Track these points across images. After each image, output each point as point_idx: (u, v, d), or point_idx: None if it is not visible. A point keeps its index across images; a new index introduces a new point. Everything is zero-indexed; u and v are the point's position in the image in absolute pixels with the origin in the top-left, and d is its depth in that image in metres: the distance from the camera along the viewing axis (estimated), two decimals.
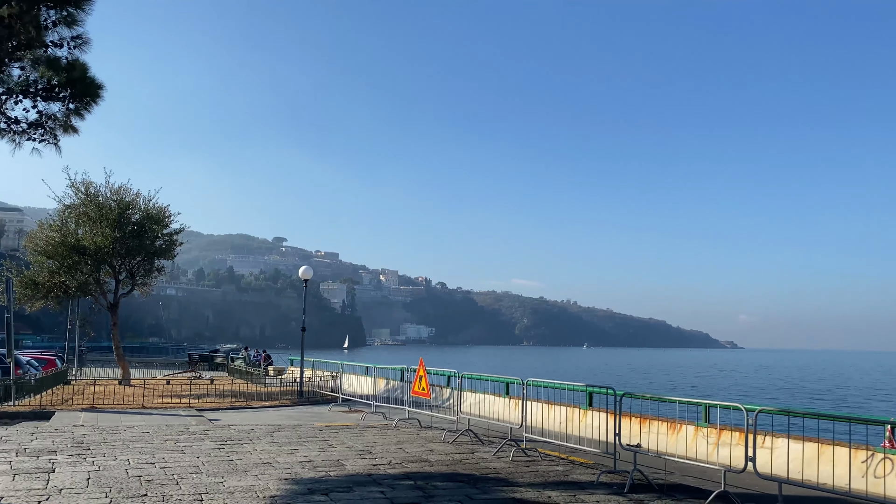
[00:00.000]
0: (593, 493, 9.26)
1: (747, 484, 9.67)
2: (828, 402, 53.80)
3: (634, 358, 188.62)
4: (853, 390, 69.71)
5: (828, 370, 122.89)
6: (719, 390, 65.72)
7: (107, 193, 26.45)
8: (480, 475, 10.32)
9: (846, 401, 55.93)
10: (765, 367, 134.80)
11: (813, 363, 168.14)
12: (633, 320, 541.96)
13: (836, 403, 52.92)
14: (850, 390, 69.54)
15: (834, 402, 54.63)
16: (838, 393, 65.24)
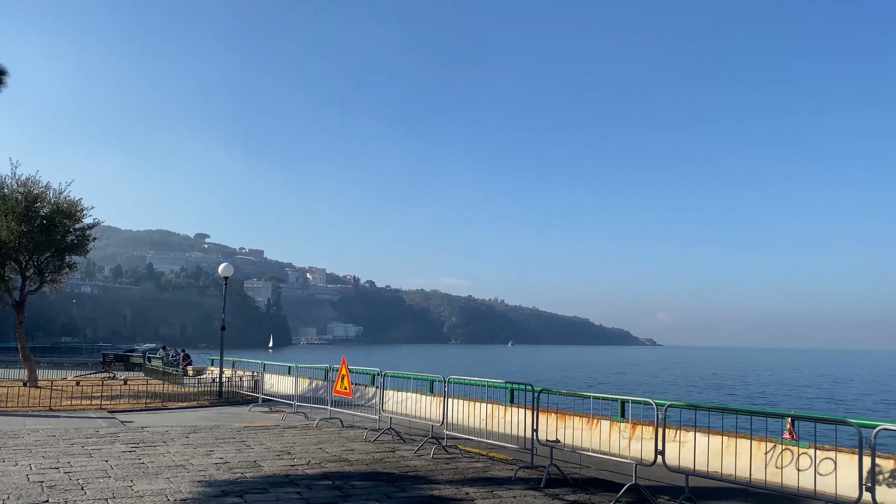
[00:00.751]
0: (511, 488, 9.40)
1: (658, 476, 10.00)
2: (737, 397, 56.26)
3: (557, 355, 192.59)
4: (761, 386, 73.14)
5: (740, 367, 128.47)
6: (637, 386, 67.87)
7: (13, 185, 25.08)
8: (400, 473, 10.31)
9: (753, 396, 58.61)
10: (680, 364, 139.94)
11: (726, 360, 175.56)
12: (558, 318, 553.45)
13: (744, 398, 55.38)
14: (758, 386, 72.92)
15: (742, 397, 57.16)
16: (748, 388, 68.30)
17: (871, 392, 65.51)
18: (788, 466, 9.85)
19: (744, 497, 8.92)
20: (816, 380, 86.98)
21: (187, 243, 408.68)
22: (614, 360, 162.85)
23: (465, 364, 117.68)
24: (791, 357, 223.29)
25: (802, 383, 78.56)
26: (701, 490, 9.02)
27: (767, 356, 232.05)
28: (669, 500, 8.62)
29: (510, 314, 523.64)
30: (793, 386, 73.21)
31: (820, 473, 9.13)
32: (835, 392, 64.70)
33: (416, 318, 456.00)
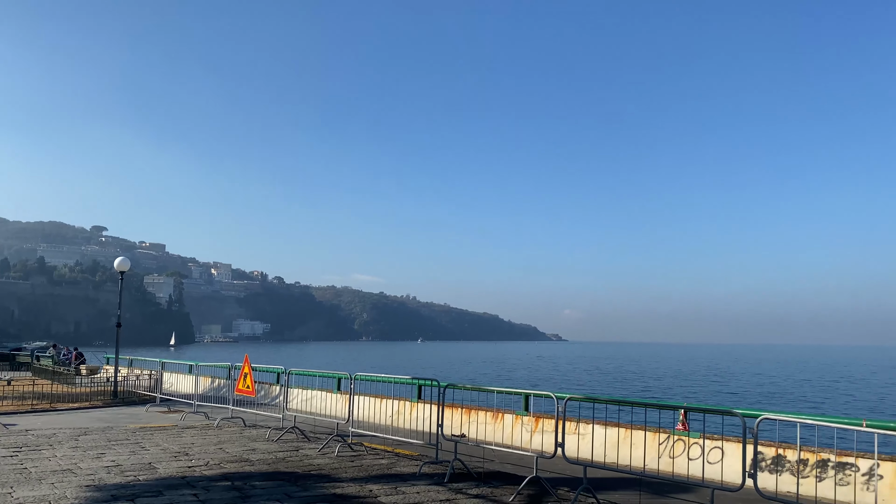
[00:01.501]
0: (415, 484, 9.40)
1: (559, 468, 10.25)
2: (636, 391, 58.55)
3: (467, 351, 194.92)
4: (659, 379, 76.38)
5: (641, 361, 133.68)
6: (542, 381, 69.54)
7: None
8: (303, 472, 10.13)
9: (651, 389, 61.14)
10: (584, 359, 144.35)
11: (628, 355, 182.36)
12: (469, 314, 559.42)
13: (642, 392, 57.70)
14: (656, 379, 76.13)
15: (641, 390, 59.52)
16: (646, 382, 71.17)
17: (757, 384, 69.55)
18: (680, 456, 10.32)
19: (638, 486, 9.26)
20: (708, 373, 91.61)
21: (83, 236, 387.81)
22: (522, 355, 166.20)
23: (375, 361, 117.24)
24: (688, 352, 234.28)
25: (696, 376, 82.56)
26: (599, 480, 9.31)
27: (668, 351, 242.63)
28: (569, 491, 8.84)
29: (422, 311, 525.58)
30: (687, 379, 76.80)
31: (709, 462, 9.59)
32: (724, 384, 68.32)
33: (327, 315, 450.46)
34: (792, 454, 9.31)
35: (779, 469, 9.34)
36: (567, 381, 69.25)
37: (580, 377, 78.16)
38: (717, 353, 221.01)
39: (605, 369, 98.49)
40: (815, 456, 9.10)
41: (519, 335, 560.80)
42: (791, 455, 9.33)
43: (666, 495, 9.10)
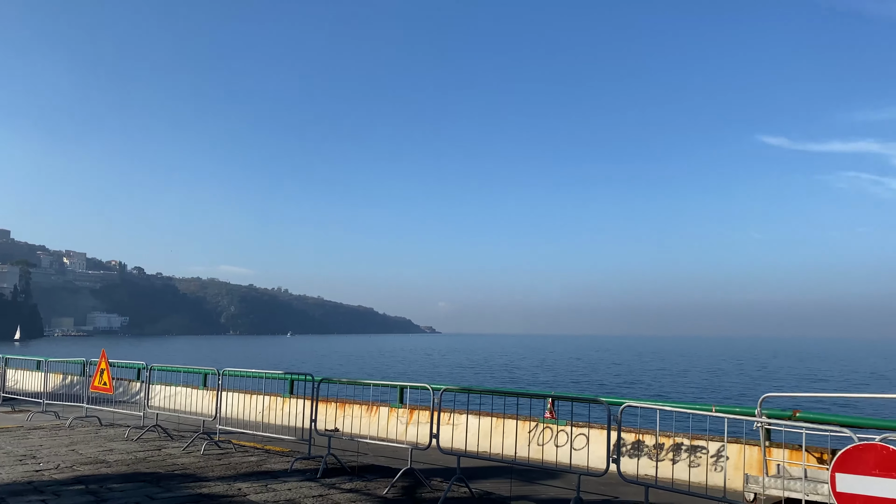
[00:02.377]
0: (286, 480, 9.17)
1: (433, 459, 10.34)
2: (509, 381, 60.32)
3: (341, 344, 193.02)
4: (529, 369, 79.12)
5: (513, 352, 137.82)
6: (417, 373, 70.13)
7: None
8: (166, 472, 9.61)
9: (524, 378, 63.20)
10: (458, 350, 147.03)
11: (501, 346, 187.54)
12: (343, 307, 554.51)
13: (516, 381, 59.51)
14: (526, 370, 78.81)
15: (514, 380, 61.39)
16: (520, 372, 73.50)
17: (619, 373, 73.59)
18: (549, 443, 10.70)
19: (510, 474, 9.51)
20: (577, 362, 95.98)
21: None
22: (396, 347, 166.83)
23: (244, 356, 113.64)
24: (558, 343, 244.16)
25: (565, 365, 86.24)
26: (472, 470, 9.47)
27: (538, 342, 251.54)
28: (442, 482, 8.93)
29: (294, 304, 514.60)
30: (554, 368, 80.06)
31: (575, 448, 10.00)
32: (591, 373, 71.79)
33: (191, 307, 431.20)
34: (651, 439, 9.89)
35: (639, 453, 9.89)
36: (441, 373, 70.23)
37: (454, 369, 79.50)
38: (585, 343, 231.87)
39: (478, 360, 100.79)
40: (671, 440, 9.72)
41: (393, 328, 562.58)
42: (650, 440, 9.91)
43: (535, 482, 9.40)
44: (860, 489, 5.59)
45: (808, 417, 8.80)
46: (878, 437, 6.02)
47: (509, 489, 8.87)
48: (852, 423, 8.41)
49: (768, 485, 7.92)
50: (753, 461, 8.99)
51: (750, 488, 8.05)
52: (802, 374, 74.66)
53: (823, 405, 32.19)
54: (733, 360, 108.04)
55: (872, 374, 77.39)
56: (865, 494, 5.56)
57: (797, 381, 65.39)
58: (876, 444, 5.65)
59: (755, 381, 63.00)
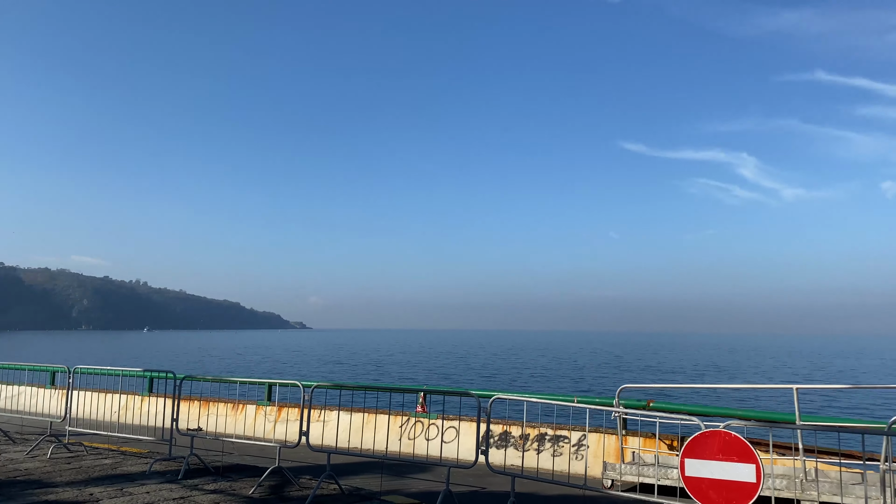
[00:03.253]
0: (144, 483, 8.68)
1: (302, 457, 10.15)
2: (382, 376, 60.32)
3: (206, 341, 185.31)
4: (402, 364, 79.47)
5: (386, 347, 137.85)
6: (287, 369, 68.64)
7: None
8: (7, 479, 8.83)
9: (397, 374, 63.42)
10: (330, 346, 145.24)
11: (374, 341, 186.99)
12: (208, 302, 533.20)
13: (389, 376, 59.60)
14: (399, 364, 79.13)
15: (387, 375, 61.45)
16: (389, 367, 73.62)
17: (490, 366, 75.48)
18: (420, 437, 10.80)
19: (380, 469, 9.50)
20: (449, 356, 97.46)
21: None
22: (265, 344, 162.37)
23: (98, 352, 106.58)
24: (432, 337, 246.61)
25: (438, 360, 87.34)
26: (343, 466, 9.38)
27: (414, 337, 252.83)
28: (311, 479, 8.78)
29: (154, 297, 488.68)
30: (430, 363, 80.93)
31: (445, 441, 10.16)
32: (462, 367, 73.15)
33: (38, 300, 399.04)
34: (518, 430, 10.21)
35: (507, 444, 10.19)
36: (312, 370, 69.10)
37: (326, 365, 78.46)
38: (457, 338, 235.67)
39: (351, 356, 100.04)
40: (536, 430, 10.08)
41: (262, 324, 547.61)
42: (517, 431, 10.23)
43: (406, 476, 9.45)
44: (706, 473, 6.05)
45: (660, 407, 9.42)
46: (722, 425, 6.54)
47: (380, 484, 8.86)
48: (700, 411, 9.09)
49: (624, 471, 8.40)
50: (611, 449, 9.50)
51: (608, 475, 8.50)
52: (657, 367, 79.83)
53: (675, 395, 34.53)
54: (594, 354, 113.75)
55: (716, 366, 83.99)
56: (710, 477, 6.02)
57: (652, 372, 69.84)
58: (720, 431, 6.13)
59: (614, 373, 66.65)
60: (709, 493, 6.02)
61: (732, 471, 5.94)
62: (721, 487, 5.97)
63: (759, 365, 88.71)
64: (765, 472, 6.02)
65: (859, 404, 37.07)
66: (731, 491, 5.93)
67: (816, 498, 7.29)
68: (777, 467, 8.16)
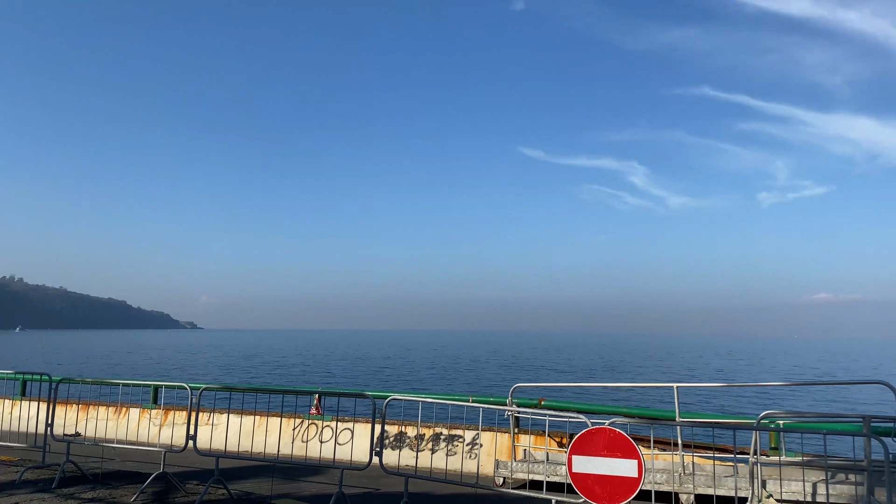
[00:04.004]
0: (13, 493, 8.10)
1: (190, 462, 9.77)
2: (275, 377, 58.95)
3: (88, 341, 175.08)
4: (298, 365, 78.01)
5: (280, 348, 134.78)
6: (175, 371, 65.91)
7: None
8: None
9: (292, 375, 62.19)
10: (222, 347, 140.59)
11: (268, 342, 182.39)
12: (91, 300, 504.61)
13: (284, 378, 58.37)
14: (297, 366, 77.65)
15: (281, 376, 60.14)
16: (285, 368, 72.08)
17: (386, 366, 75.30)
18: (313, 439, 10.63)
19: (271, 472, 9.29)
20: (345, 356, 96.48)
21: None
22: (152, 344, 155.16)
23: None
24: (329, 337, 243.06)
25: (334, 361, 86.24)
26: (233, 471, 9.11)
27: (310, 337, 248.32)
28: (198, 485, 8.48)
29: (30, 294, 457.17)
30: (326, 364, 79.80)
31: (339, 443, 10.07)
32: (359, 368, 72.59)
33: None
34: (413, 430, 10.25)
35: (402, 445, 10.20)
36: (202, 371, 66.63)
37: (217, 366, 75.85)
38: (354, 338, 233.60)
39: (245, 357, 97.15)
40: (431, 430, 10.15)
41: (149, 323, 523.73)
42: (412, 431, 10.26)
43: (298, 479, 9.28)
44: (591, 468, 6.28)
45: (551, 405, 9.71)
46: (607, 422, 6.81)
47: (270, 488, 8.66)
48: (587, 409, 9.43)
49: (515, 469, 8.60)
50: (504, 447, 9.70)
51: (500, 473, 8.68)
52: (551, 366, 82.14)
53: (566, 394, 35.64)
54: (492, 353, 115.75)
55: (606, 365, 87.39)
56: (596, 473, 6.25)
57: (547, 372, 71.80)
58: (605, 428, 6.38)
59: (510, 372, 68.06)
60: (594, 488, 6.25)
61: (616, 466, 6.20)
62: (605, 482, 6.21)
63: (644, 364, 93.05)
64: (646, 467, 6.32)
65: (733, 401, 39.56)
66: (615, 486, 6.18)
67: (693, 490, 7.71)
68: (658, 462, 8.57)
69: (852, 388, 46.87)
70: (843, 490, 7.06)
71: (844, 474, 7.51)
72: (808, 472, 7.28)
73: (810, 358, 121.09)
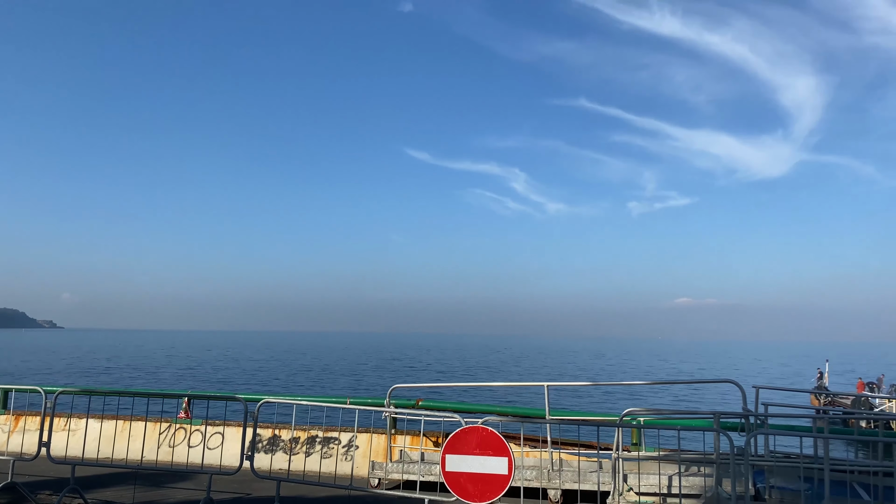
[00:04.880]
0: None
1: (43, 471, 9.11)
2: (141, 380, 56.00)
3: None
4: (168, 367, 74.45)
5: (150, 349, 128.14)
6: (30, 373, 61.17)
7: None
8: None
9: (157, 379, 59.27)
10: (82, 348, 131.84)
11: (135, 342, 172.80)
12: None
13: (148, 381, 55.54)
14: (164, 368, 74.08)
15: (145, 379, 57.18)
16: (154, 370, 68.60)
17: (261, 369, 73.32)
18: (181, 444, 10.19)
19: (134, 480, 8.83)
20: (219, 359, 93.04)
21: None
22: (5, 345, 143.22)
23: None
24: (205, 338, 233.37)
25: (206, 363, 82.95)
26: (92, 479, 8.59)
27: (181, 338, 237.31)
28: (52, 495, 7.92)
29: None
30: (197, 366, 76.63)
31: (209, 447, 9.71)
32: (232, 370, 70.24)
33: None
34: (287, 433, 10.05)
35: (275, 448, 9.98)
36: (60, 374, 62.21)
37: (78, 369, 71.02)
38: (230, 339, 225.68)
39: (107, 359, 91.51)
40: (306, 433, 9.99)
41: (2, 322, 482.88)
42: (286, 434, 10.06)
43: (164, 486, 8.87)
44: (464, 467, 6.41)
45: (428, 405, 9.82)
46: (480, 421, 6.98)
47: (133, 496, 8.23)
48: (462, 408, 9.61)
49: (390, 469, 8.63)
50: (380, 449, 9.71)
51: (375, 474, 8.68)
52: (432, 367, 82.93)
53: (444, 394, 36.13)
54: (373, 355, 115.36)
55: (483, 365, 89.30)
56: (468, 471, 6.39)
57: (428, 372, 72.45)
58: (478, 427, 6.54)
59: (390, 373, 68.11)
60: (466, 486, 6.39)
61: (488, 464, 6.36)
62: (477, 480, 6.36)
63: (521, 364, 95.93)
64: (516, 465, 6.53)
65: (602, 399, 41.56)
66: (486, 483, 6.34)
67: (560, 486, 8.03)
68: (528, 459, 8.86)
69: (707, 386, 50.43)
70: (695, 482, 7.58)
71: (696, 467, 8.07)
72: (664, 466, 7.75)
73: (672, 358, 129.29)
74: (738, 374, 74.20)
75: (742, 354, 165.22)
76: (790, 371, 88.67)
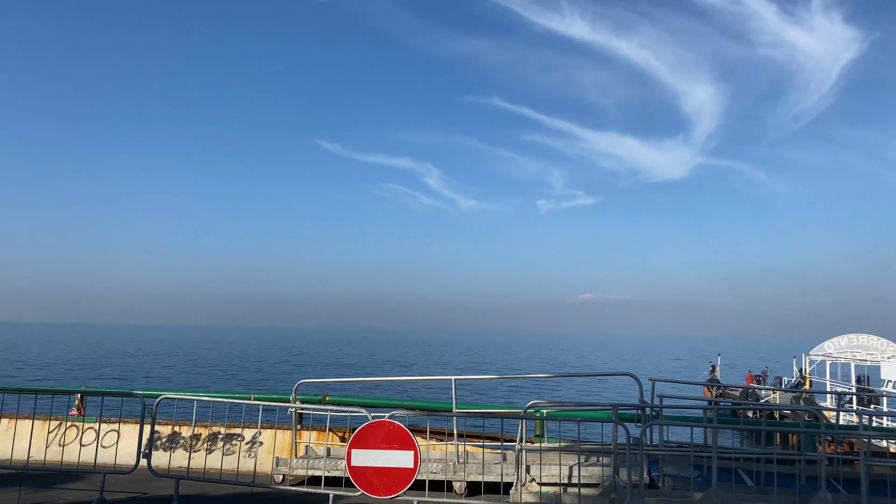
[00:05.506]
0: None
1: None
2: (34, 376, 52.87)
3: None
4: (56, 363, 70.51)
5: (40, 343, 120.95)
6: None
7: None
8: None
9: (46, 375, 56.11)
10: None
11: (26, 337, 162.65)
12: None
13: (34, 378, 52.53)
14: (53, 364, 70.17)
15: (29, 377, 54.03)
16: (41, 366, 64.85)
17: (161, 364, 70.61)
18: (73, 443, 9.72)
19: (19, 481, 8.34)
20: (116, 354, 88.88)
21: None
22: None
23: None
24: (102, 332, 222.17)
25: (101, 358, 79.06)
26: None
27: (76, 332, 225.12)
28: None
29: None
30: (91, 361, 72.94)
31: (103, 446, 9.31)
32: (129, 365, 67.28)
33: None
34: (187, 430, 9.74)
35: (174, 446, 9.65)
36: None
37: None
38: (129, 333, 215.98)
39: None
40: (207, 430, 9.72)
41: None
42: (186, 431, 9.75)
43: (53, 487, 8.42)
44: (370, 461, 6.42)
45: (335, 401, 9.75)
46: (387, 415, 6.99)
47: (18, 498, 7.78)
48: (370, 403, 9.60)
49: (295, 465, 8.52)
50: (286, 445, 9.56)
51: (279, 470, 8.54)
52: (339, 361, 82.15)
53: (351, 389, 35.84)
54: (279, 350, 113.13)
55: (392, 359, 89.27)
56: (374, 466, 6.40)
57: (336, 367, 71.70)
58: (384, 421, 6.55)
59: (297, 369, 67.04)
60: (372, 480, 6.39)
61: (394, 458, 6.39)
62: (383, 474, 6.38)
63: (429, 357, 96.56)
64: (422, 458, 6.58)
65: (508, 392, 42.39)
66: (392, 477, 6.37)
67: (465, 478, 8.16)
68: (434, 452, 8.95)
69: (608, 378, 52.37)
70: (594, 471, 7.87)
71: (596, 457, 8.38)
72: (564, 457, 8.01)
73: (576, 352, 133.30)
74: (637, 367, 77.38)
75: (642, 348, 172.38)
76: (683, 364, 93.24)
